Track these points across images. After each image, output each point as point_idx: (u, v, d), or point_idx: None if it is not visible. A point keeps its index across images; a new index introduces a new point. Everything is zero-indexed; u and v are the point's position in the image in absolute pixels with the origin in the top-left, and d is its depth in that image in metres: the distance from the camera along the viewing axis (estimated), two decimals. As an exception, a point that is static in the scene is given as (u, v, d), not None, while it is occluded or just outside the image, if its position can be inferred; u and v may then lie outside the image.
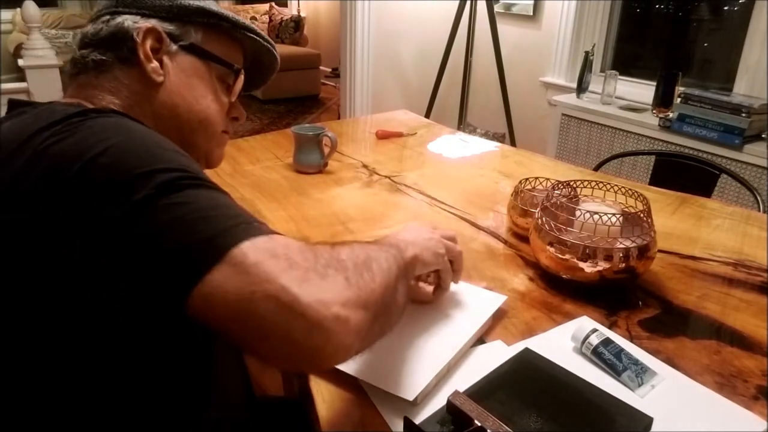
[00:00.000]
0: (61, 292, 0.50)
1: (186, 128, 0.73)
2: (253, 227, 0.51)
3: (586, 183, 1.03)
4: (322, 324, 0.47)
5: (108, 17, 0.69)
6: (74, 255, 0.49)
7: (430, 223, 0.86)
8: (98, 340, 0.53)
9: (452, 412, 0.59)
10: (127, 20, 0.69)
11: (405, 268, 0.64)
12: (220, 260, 0.47)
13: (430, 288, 0.83)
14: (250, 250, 0.48)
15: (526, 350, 0.74)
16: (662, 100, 2.46)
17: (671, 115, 2.37)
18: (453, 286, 0.90)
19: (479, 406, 0.57)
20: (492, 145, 1.73)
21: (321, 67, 5.95)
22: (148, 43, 0.68)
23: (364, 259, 0.55)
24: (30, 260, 0.50)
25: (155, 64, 0.69)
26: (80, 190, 0.49)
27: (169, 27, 0.70)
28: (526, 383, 0.69)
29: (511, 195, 1.13)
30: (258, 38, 0.79)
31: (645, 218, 0.90)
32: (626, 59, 2.96)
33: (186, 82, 0.72)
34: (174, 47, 0.71)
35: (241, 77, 0.78)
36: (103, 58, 0.68)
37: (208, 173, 0.61)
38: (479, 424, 0.56)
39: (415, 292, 0.82)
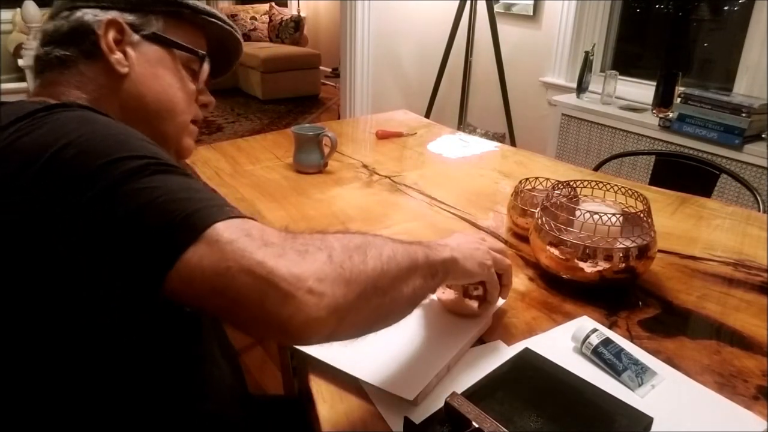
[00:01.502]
0: (45, 293, 0.51)
1: (154, 118, 0.72)
2: (224, 210, 0.52)
3: (586, 183, 1.03)
4: (294, 295, 0.47)
5: (67, 13, 0.69)
6: (55, 255, 0.49)
7: (479, 234, 0.84)
8: (86, 338, 0.53)
9: (450, 414, 0.59)
10: (87, 14, 0.68)
11: (431, 266, 0.63)
12: (196, 240, 0.48)
13: (475, 303, 0.79)
14: (225, 229, 0.49)
15: (526, 350, 0.74)
16: (662, 100, 2.46)
17: (671, 115, 2.37)
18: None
19: (477, 408, 0.57)
20: (492, 145, 1.73)
21: (321, 67, 5.95)
22: (110, 35, 0.68)
23: (359, 244, 0.55)
24: (9, 264, 0.50)
25: (119, 55, 0.68)
26: (48, 183, 0.50)
27: (129, 17, 0.69)
28: (526, 383, 0.69)
29: (511, 195, 1.13)
30: (220, 23, 0.78)
31: (645, 218, 0.90)
32: (626, 59, 2.97)
33: (151, 72, 0.71)
34: (136, 37, 0.70)
35: (207, 63, 0.78)
36: (67, 53, 0.68)
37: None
38: (477, 426, 0.56)
39: (458, 305, 0.80)
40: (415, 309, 0.62)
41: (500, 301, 0.84)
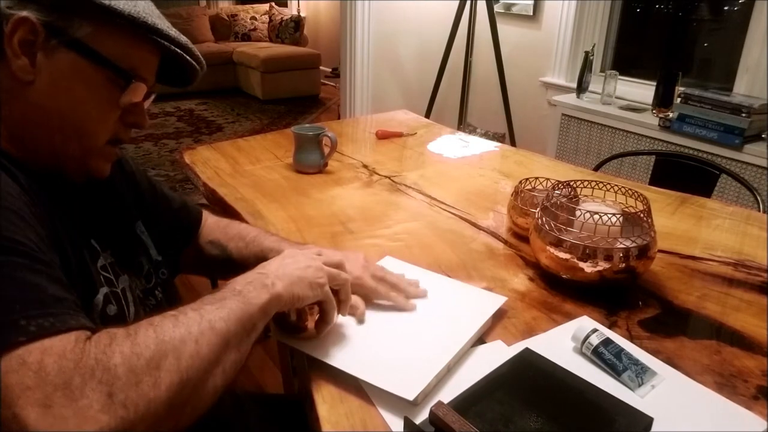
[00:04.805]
0: None
1: (58, 135, 0.63)
2: (17, 328, 0.44)
3: (586, 183, 1.03)
4: None
5: None
6: None
7: (313, 247, 0.80)
8: None
9: (435, 423, 0.58)
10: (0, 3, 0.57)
11: (245, 325, 0.58)
12: None
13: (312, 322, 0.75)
14: (7, 364, 0.43)
15: (526, 350, 0.74)
16: (662, 100, 2.46)
17: (671, 115, 2.37)
18: (454, 287, 0.90)
19: (462, 418, 0.57)
20: (492, 145, 1.73)
21: (321, 67, 5.95)
22: (18, 36, 0.57)
23: (151, 355, 0.48)
24: None
25: (23, 61, 0.58)
26: None
27: (49, 17, 0.58)
28: (526, 383, 0.69)
29: (511, 195, 1.13)
30: (166, 42, 0.65)
31: (645, 218, 0.90)
32: (626, 59, 2.97)
33: (62, 85, 0.61)
34: (53, 41, 0.59)
35: (137, 85, 0.65)
36: None
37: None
38: None
39: (296, 330, 0.75)
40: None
41: (501, 300, 0.84)
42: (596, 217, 0.87)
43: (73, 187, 0.68)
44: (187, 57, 0.69)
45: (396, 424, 0.63)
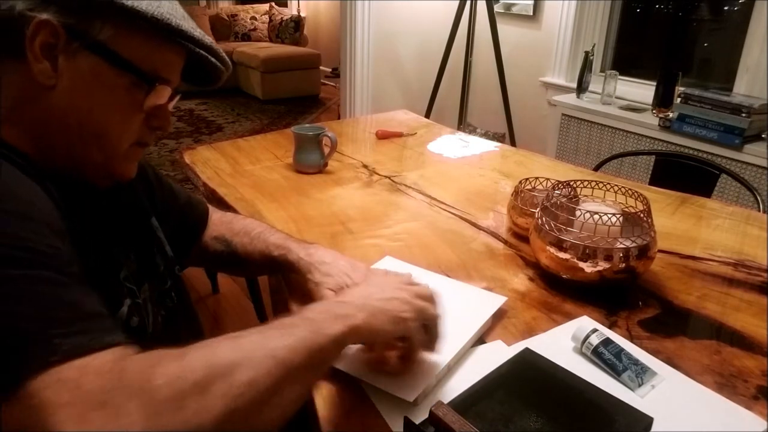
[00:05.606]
0: None
1: (78, 141, 0.61)
2: (51, 347, 0.43)
3: (586, 183, 1.03)
4: None
5: None
6: None
7: (407, 275, 0.74)
8: None
9: (434, 423, 0.58)
10: (20, 4, 0.55)
11: (314, 357, 0.53)
12: (11, 394, 0.41)
13: (393, 354, 0.69)
14: (41, 382, 0.41)
15: (526, 350, 0.74)
16: (662, 100, 2.46)
17: (671, 115, 2.37)
18: (454, 288, 0.90)
19: (462, 418, 0.56)
20: (492, 145, 1.73)
21: (321, 67, 5.95)
22: (39, 39, 0.56)
23: (200, 377, 0.44)
24: None
25: (45, 65, 0.57)
26: None
27: (70, 19, 0.57)
28: (526, 383, 0.69)
29: (511, 195, 1.13)
30: (190, 44, 0.64)
31: (645, 218, 0.90)
32: (626, 59, 2.97)
33: (83, 88, 0.59)
34: (74, 44, 0.58)
35: (161, 88, 0.64)
36: None
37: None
38: None
39: (375, 363, 0.70)
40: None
41: (501, 300, 0.84)
42: (596, 217, 0.87)
43: (93, 191, 0.67)
44: (212, 58, 0.68)
45: (396, 424, 0.63)
